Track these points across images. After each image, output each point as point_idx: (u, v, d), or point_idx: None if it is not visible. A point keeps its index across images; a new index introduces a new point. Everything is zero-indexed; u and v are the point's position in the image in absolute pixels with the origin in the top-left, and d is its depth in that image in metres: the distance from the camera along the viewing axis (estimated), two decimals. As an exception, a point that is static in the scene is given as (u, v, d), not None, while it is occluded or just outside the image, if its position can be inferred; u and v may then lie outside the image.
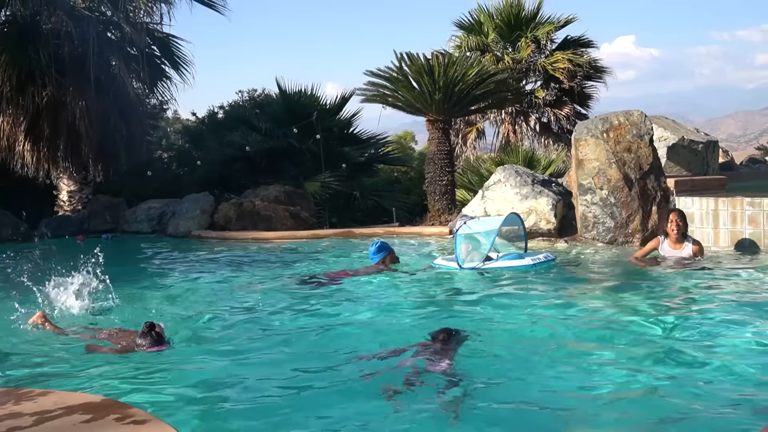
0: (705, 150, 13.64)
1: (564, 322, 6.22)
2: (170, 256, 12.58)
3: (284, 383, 4.77)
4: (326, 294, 7.88)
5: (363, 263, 9.72)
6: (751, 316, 6.03)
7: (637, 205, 10.47)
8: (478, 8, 23.16)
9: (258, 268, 10.30)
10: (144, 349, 5.48)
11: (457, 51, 21.61)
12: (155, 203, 16.93)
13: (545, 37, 22.67)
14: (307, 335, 6.08)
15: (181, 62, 18.50)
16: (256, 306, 7.32)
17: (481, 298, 7.39)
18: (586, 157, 10.82)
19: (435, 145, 15.62)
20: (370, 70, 15.67)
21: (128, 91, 16.79)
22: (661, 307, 6.54)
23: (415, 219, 16.24)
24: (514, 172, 12.08)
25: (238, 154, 19.50)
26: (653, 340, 5.51)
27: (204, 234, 14.87)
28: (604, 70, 23.36)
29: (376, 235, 13.27)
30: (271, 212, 15.08)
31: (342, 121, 21.06)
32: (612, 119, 10.87)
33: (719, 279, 7.86)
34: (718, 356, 5.02)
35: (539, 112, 23.22)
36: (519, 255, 9.06)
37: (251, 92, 25.50)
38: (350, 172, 19.73)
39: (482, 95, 16.10)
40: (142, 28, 16.95)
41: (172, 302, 7.86)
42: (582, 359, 5.13)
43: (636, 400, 4.32)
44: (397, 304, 7.26)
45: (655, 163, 10.79)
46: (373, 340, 5.77)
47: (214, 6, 18.27)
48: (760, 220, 9.64)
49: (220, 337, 6.13)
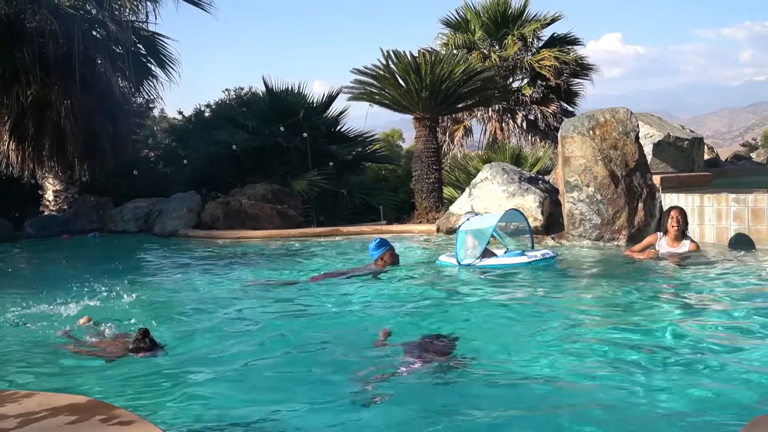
0: (690, 147, 13.71)
1: (552, 318, 6.24)
2: (157, 255, 12.52)
3: (275, 386, 4.74)
4: (323, 293, 7.83)
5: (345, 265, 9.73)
6: (741, 311, 6.08)
7: (624, 202, 10.50)
8: (465, 6, 23.22)
9: (248, 267, 10.25)
10: (137, 355, 5.38)
11: (444, 49, 21.63)
12: (142, 202, 16.85)
13: (532, 35, 22.71)
14: (298, 337, 5.99)
15: (168, 61, 18.42)
16: (247, 309, 7.22)
17: (471, 295, 7.41)
18: (572, 154, 10.85)
19: (422, 143, 15.64)
20: (357, 68, 15.67)
21: (114, 89, 16.69)
22: (652, 303, 6.58)
23: (403, 217, 16.24)
24: (501, 170, 12.11)
25: (225, 152, 19.44)
26: (640, 336, 5.53)
27: (191, 233, 14.82)
28: (590, 68, 23.43)
29: (363, 233, 13.27)
30: (258, 211, 15.04)
31: (329, 119, 21.03)
32: (598, 116, 10.90)
33: (710, 275, 7.91)
34: (707, 353, 5.05)
35: (526, 109, 23.25)
36: (521, 252, 9.07)
37: (238, 91, 25.43)
38: (338, 170, 19.71)
39: (469, 93, 16.12)
40: (127, 27, 16.85)
41: (161, 303, 7.77)
42: (570, 355, 5.14)
43: (622, 399, 4.33)
44: (388, 304, 7.25)
45: (641, 160, 10.83)
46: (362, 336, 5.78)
47: (201, 4, 18.18)
48: (745, 216, 9.70)
49: (209, 339, 6.03)
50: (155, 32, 18.36)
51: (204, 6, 18.10)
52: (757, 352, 4.92)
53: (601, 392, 4.40)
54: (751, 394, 4.23)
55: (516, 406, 4.22)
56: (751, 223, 9.69)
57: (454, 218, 12.10)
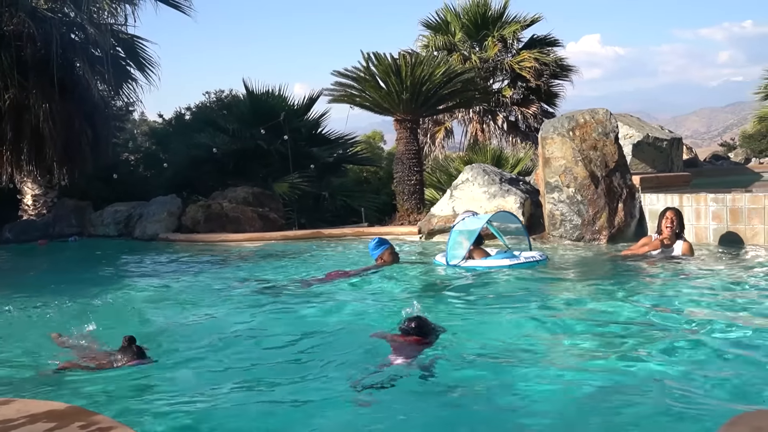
0: (669, 147, 13.81)
1: (534, 319, 6.26)
2: (137, 259, 12.44)
3: (263, 396, 4.67)
4: (317, 294, 7.83)
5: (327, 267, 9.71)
6: (721, 313, 6.13)
7: (604, 203, 10.55)
8: (445, 8, 23.28)
9: (230, 270, 10.20)
10: (123, 363, 5.19)
11: (424, 51, 21.67)
12: (122, 206, 16.77)
13: (512, 36, 22.82)
14: (290, 341, 5.93)
15: (147, 63, 18.33)
16: (233, 314, 7.12)
17: (456, 295, 7.43)
18: (552, 155, 10.90)
19: (403, 144, 15.64)
20: (337, 71, 15.65)
21: (93, 93, 16.58)
22: (634, 304, 6.60)
23: (385, 219, 16.24)
24: (482, 171, 12.14)
25: (205, 155, 19.37)
26: (622, 334, 5.56)
27: (171, 237, 14.75)
28: (570, 69, 23.57)
29: (345, 235, 13.27)
30: (240, 214, 14.99)
31: (310, 121, 21.00)
32: (578, 117, 10.95)
33: (696, 275, 7.97)
34: (686, 354, 5.08)
35: (507, 110, 23.34)
36: (511, 253, 9.10)
37: (218, 93, 25.36)
38: (319, 172, 19.69)
39: (449, 94, 16.14)
40: (106, 30, 16.75)
41: (146, 308, 7.67)
42: (554, 357, 5.16)
43: (602, 398, 4.35)
44: (386, 303, 7.25)
45: (621, 161, 10.90)
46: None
47: (180, 7, 18.11)
48: (724, 215, 9.79)
49: (196, 345, 5.95)
50: (134, 35, 18.29)
51: (183, 8, 18.06)
52: (727, 355, 4.93)
53: (579, 390, 4.42)
54: (728, 394, 4.26)
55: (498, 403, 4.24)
56: (729, 222, 9.77)
57: (435, 220, 12.12)
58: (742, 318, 5.90)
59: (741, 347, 5.13)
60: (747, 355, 4.94)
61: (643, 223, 10.78)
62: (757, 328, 5.58)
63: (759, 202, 9.59)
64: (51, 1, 16.85)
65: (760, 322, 5.75)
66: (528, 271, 8.54)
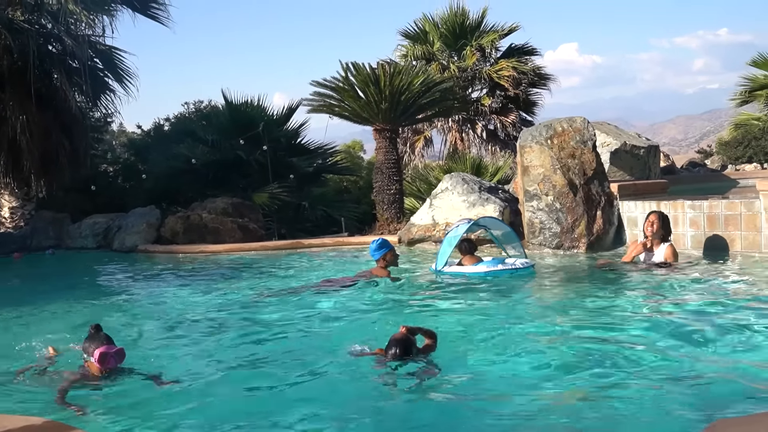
0: (647, 155, 13.92)
1: (513, 326, 6.28)
2: (115, 271, 12.34)
3: (249, 404, 4.68)
4: (293, 305, 7.82)
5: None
6: (695, 319, 6.19)
7: (582, 210, 10.62)
8: (423, 17, 23.37)
9: (209, 282, 10.13)
10: (93, 350, 4.97)
11: (403, 60, 21.74)
12: (100, 218, 16.65)
13: (490, 46, 22.93)
14: (268, 351, 5.93)
15: (125, 75, 18.23)
16: (218, 325, 7.04)
17: (439, 304, 7.46)
18: (531, 163, 10.96)
19: (382, 154, 15.66)
20: (316, 81, 15.66)
21: (71, 104, 16.47)
22: (609, 309, 6.65)
23: (365, 228, 16.24)
24: (461, 180, 12.18)
25: (184, 166, 19.29)
26: (595, 342, 5.60)
27: (150, 248, 14.66)
28: (548, 77, 23.71)
29: (325, 245, 13.27)
30: (219, 225, 14.93)
31: (289, 131, 20.97)
32: (556, 126, 11.02)
33: (669, 280, 8.04)
34: (658, 358, 5.12)
35: (486, 119, 23.44)
36: (500, 260, 9.14)
37: (197, 104, 25.30)
38: (299, 182, 19.67)
39: (428, 104, 16.19)
40: (83, 41, 16.65)
41: (127, 322, 7.50)
42: (532, 363, 5.19)
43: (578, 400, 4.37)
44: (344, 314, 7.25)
45: (599, 169, 10.97)
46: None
47: (158, 18, 18.06)
48: (701, 222, 9.87)
49: (178, 357, 5.89)
50: (112, 46, 18.20)
51: (161, 19, 18.01)
52: (696, 370, 4.93)
53: (558, 393, 4.45)
54: (707, 399, 4.29)
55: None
56: (707, 229, 9.85)
57: (415, 229, 12.14)
58: (710, 325, 5.96)
59: (709, 356, 5.19)
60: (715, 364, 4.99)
61: (621, 231, 10.86)
62: (727, 337, 5.64)
63: (735, 208, 9.69)
64: (28, 13, 16.73)
65: (732, 330, 5.81)
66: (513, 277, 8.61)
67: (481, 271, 8.86)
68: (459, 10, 22.88)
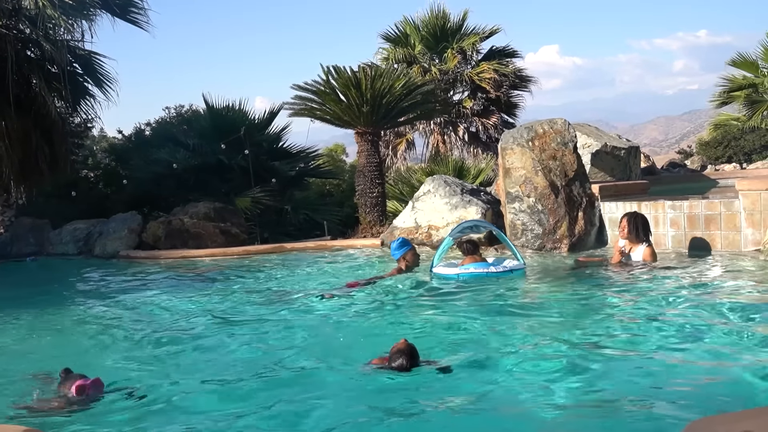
0: (627, 156, 13.99)
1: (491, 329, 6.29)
2: (96, 278, 12.23)
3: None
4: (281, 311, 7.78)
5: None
6: (661, 316, 6.24)
7: (564, 212, 10.66)
8: (404, 20, 23.43)
9: (191, 287, 10.08)
10: (70, 386, 4.83)
11: (384, 63, 21.75)
12: (81, 224, 16.53)
13: (471, 48, 23.02)
14: (255, 362, 5.79)
15: (105, 80, 18.08)
16: (206, 334, 6.89)
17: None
18: (512, 165, 10.99)
19: (364, 157, 15.65)
20: (297, 84, 15.62)
21: (50, 109, 16.32)
22: (580, 312, 6.69)
23: (348, 231, 16.22)
24: (443, 183, 12.20)
25: (166, 171, 19.18)
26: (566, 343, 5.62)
27: (132, 254, 14.57)
28: (529, 80, 23.83)
29: (307, 249, 13.24)
30: (201, 229, 14.86)
31: (271, 135, 20.91)
32: (537, 128, 11.07)
33: (643, 278, 8.08)
34: (637, 359, 5.15)
35: (467, 122, 23.51)
36: (484, 263, 9.10)
37: (178, 108, 25.14)
38: (281, 186, 19.61)
39: (410, 107, 16.19)
40: (62, 46, 16.51)
41: (106, 333, 7.33)
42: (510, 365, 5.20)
43: (552, 402, 4.38)
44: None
45: (580, 170, 11.03)
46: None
47: (137, 22, 17.93)
48: (681, 222, 9.93)
49: (163, 371, 5.72)
50: (92, 51, 18.04)
51: (140, 24, 17.88)
52: (679, 368, 4.97)
53: (535, 395, 4.46)
54: (686, 399, 4.32)
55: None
56: (687, 229, 9.92)
57: (398, 232, 12.14)
58: (684, 322, 6.00)
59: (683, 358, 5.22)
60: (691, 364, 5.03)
61: (603, 231, 10.91)
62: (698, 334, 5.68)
63: (715, 208, 9.77)
64: (5, 18, 16.58)
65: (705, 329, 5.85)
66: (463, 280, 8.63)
67: (453, 273, 8.86)
68: (440, 12, 22.99)
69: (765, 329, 5.76)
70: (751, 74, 22.55)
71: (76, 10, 16.11)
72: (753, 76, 22.51)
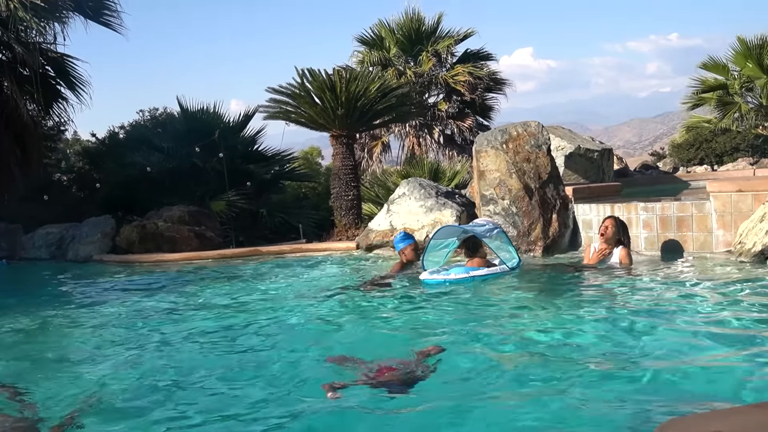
0: (600, 158, 14.10)
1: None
2: (68, 283, 12.10)
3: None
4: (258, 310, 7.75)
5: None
6: (629, 316, 6.31)
7: (538, 214, 10.72)
8: (379, 23, 23.46)
9: (166, 291, 10.01)
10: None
11: (359, 66, 21.77)
12: (54, 228, 16.38)
13: (445, 51, 23.10)
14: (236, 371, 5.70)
15: (78, 82, 17.93)
16: (179, 339, 6.79)
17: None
18: (487, 168, 11.04)
19: (339, 160, 15.65)
20: (272, 87, 15.60)
21: (22, 112, 16.16)
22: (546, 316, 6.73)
23: (324, 234, 16.20)
24: (418, 185, 12.22)
25: (140, 174, 19.05)
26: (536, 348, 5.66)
27: (106, 258, 14.46)
28: (503, 82, 23.96)
29: (283, 252, 13.21)
30: (175, 233, 14.76)
31: (246, 138, 20.84)
32: (511, 130, 11.12)
33: (615, 281, 8.15)
34: (601, 361, 5.20)
35: (443, 124, 23.57)
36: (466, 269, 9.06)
37: (153, 111, 24.96)
38: (256, 189, 19.54)
39: (385, 109, 16.22)
40: (34, 49, 16.35)
41: (82, 342, 7.13)
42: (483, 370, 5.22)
43: (529, 407, 4.41)
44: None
45: (554, 172, 11.09)
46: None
47: (111, 25, 17.80)
48: (654, 224, 10.03)
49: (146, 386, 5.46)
50: (64, 54, 17.90)
51: (114, 26, 17.74)
52: (643, 371, 4.97)
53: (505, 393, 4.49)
54: (658, 399, 4.36)
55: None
56: (659, 230, 10.02)
57: (373, 234, 12.15)
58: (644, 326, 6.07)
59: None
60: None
61: (577, 233, 10.98)
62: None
63: (687, 210, 9.87)
64: (-25, 21, 16.42)
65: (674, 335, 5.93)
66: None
67: (441, 279, 8.82)
68: (415, 16, 23.07)
69: (729, 330, 5.84)
70: (722, 77, 22.84)
71: (48, 12, 15.95)
72: (723, 79, 22.80)
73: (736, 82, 22.37)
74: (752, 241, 8.77)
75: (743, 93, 22.66)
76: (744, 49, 21.72)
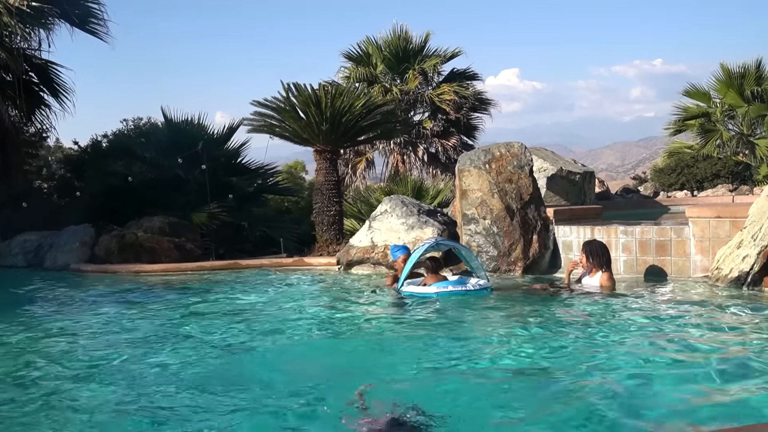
0: (582, 180, 14.16)
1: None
2: (43, 292, 11.90)
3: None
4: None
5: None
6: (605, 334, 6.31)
7: (519, 234, 10.75)
8: (366, 40, 23.56)
9: (140, 303, 9.92)
10: None
11: (345, 82, 21.81)
12: (31, 235, 16.23)
13: (432, 70, 23.24)
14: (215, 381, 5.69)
15: (61, 89, 17.88)
16: (160, 352, 6.71)
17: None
18: (469, 187, 11.06)
19: (323, 175, 15.61)
20: (257, 100, 15.55)
21: (3, 118, 16.08)
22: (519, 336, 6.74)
23: (305, 249, 16.13)
24: (401, 203, 12.21)
25: (122, 184, 18.92)
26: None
27: (83, 267, 14.32)
28: (489, 102, 24.13)
29: (262, 266, 13.15)
30: (155, 244, 14.66)
31: (230, 151, 20.76)
32: (494, 150, 11.16)
33: (592, 303, 8.16)
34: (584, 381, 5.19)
35: (427, 142, 23.67)
36: (462, 281, 9.40)
37: (136, 121, 24.83)
38: (239, 202, 19.45)
39: (370, 126, 16.20)
40: (18, 54, 16.27)
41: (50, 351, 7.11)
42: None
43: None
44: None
45: (535, 194, 11.13)
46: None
47: (97, 33, 17.76)
48: (633, 247, 10.07)
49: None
50: (48, 60, 17.84)
51: (99, 34, 17.71)
52: (622, 394, 4.97)
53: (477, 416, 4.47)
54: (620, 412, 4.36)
55: None
56: (638, 254, 10.06)
57: (354, 251, 12.11)
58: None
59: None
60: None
61: (557, 255, 11.01)
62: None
63: (666, 234, 9.92)
64: (-41, 25, 16.33)
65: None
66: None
67: (431, 291, 9.00)
68: (402, 33, 23.21)
69: (694, 355, 5.85)
70: (704, 104, 23.07)
71: (33, 18, 15.90)
72: (706, 106, 23.03)
73: (717, 110, 22.60)
74: (729, 267, 8.82)
75: (725, 121, 22.91)
76: (726, 77, 21.99)
